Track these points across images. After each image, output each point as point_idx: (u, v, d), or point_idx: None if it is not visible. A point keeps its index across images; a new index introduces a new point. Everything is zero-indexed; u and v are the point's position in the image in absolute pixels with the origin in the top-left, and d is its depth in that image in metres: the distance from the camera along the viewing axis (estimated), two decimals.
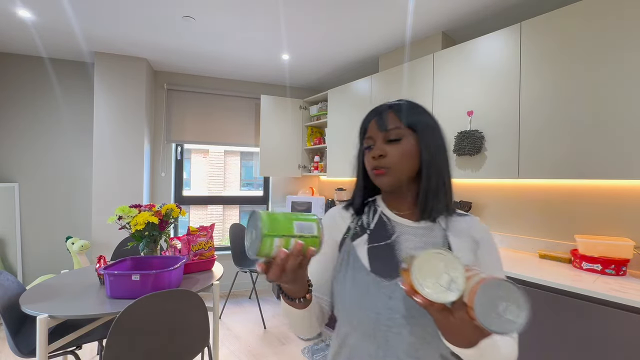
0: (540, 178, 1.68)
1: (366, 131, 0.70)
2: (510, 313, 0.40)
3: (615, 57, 1.43)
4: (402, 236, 0.67)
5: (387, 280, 0.62)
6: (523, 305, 0.41)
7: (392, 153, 0.65)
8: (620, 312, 1.21)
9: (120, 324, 1.17)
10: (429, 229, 0.67)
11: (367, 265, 0.65)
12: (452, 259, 0.45)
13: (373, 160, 0.67)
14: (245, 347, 2.44)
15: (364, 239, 0.69)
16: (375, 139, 0.68)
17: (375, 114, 0.70)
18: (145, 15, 2.20)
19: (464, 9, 2.05)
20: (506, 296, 0.41)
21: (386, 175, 0.66)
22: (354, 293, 0.63)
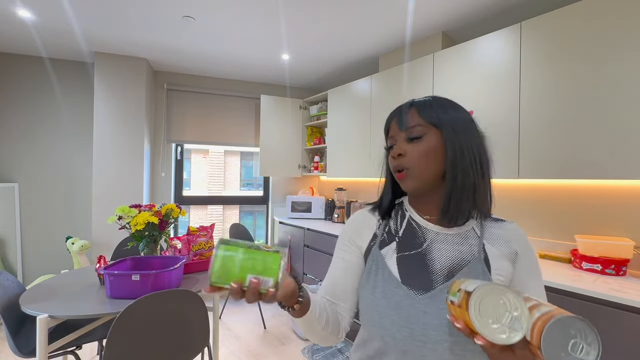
0: (540, 178, 1.68)
1: (389, 130, 0.68)
2: (580, 351, 0.38)
3: (615, 57, 1.43)
4: (434, 244, 0.62)
5: (420, 294, 0.58)
6: (594, 342, 0.38)
7: (411, 152, 0.62)
8: (620, 312, 1.21)
9: (120, 324, 1.17)
10: (463, 236, 0.63)
11: (398, 276, 0.61)
12: (512, 296, 0.42)
13: (393, 160, 0.65)
14: (245, 347, 2.44)
15: (392, 247, 0.64)
16: (397, 138, 0.65)
17: (397, 112, 0.67)
18: (145, 15, 2.20)
19: (464, 9, 2.05)
20: (575, 333, 0.38)
21: (407, 177, 0.62)
22: (385, 306, 0.59)
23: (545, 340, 0.37)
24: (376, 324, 0.59)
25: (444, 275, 0.59)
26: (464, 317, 0.44)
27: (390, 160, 0.66)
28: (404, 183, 0.64)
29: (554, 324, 0.37)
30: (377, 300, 0.60)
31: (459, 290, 0.47)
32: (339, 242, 0.72)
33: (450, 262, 0.60)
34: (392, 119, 0.68)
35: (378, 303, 0.60)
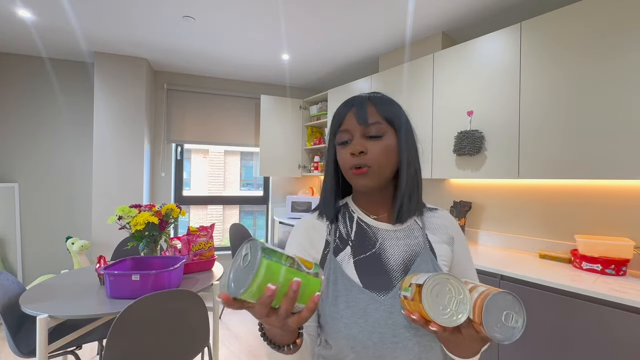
0: (540, 178, 1.68)
1: (341, 124, 0.63)
2: (511, 320, 0.44)
3: (615, 57, 1.43)
4: (386, 242, 0.63)
5: (382, 295, 0.58)
6: (520, 311, 0.45)
7: (373, 150, 0.59)
8: (620, 312, 1.21)
9: (120, 324, 1.17)
10: (409, 231, 0.65)
11: (358, 281, 0.59)
12: (455, 282, 0.47)
13: (352, 157, 0.60)
14: (245, 347, 2.44)
15: (347, 252, 0.62)
16: (353, 133, 0.61)
17: (353, 105, 0.62)
18: (145, 15, 2.20)
19: (464, 9, 2.05)
20: (505, 305, 0.44)
21: (368, 175, 0.59)
22: (351, 315, 0.56)
23: (485, 315, 0.43)
24: (344, 336, 0.56)
25: (400, 271, 0.60)
26: (418, 309, 0.47)
27: (347, 158, 0.61)
28: (362, 180, 0.60)
29: (490, 301, 0.43)
30: (341, 311, 0.56)
31: (410, 285, 0.50)
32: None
33: (403, 257, 0.62)
34: (348, 111, 0.62)
35: (343, 314, 0.56)
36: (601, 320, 1.25)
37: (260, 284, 0.36)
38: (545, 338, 1.40)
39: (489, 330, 0.43)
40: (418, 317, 0.47)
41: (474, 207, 2.25)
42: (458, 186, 2.38)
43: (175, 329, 1.32)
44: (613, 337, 1.22)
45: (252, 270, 0.36)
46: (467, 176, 2.00)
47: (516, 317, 0.44)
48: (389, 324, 0.56)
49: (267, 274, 0.37)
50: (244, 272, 0.38)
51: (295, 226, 0.69)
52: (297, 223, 0.70)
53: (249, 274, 0.37)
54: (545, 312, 1.40)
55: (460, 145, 1.97)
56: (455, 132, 2.03)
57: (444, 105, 2.12)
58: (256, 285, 0.36)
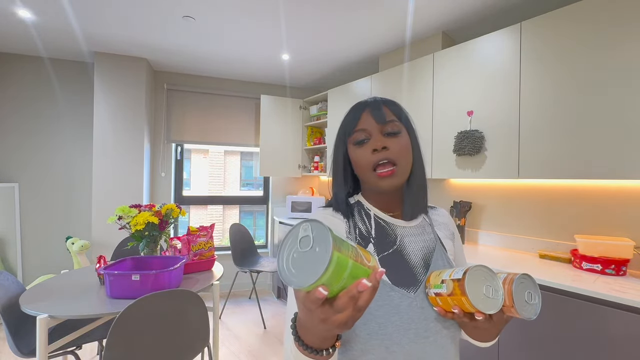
0: (540, 178, 1.68)
1: (356, 123, 0.63)
2: (532, 298, 0.49)
3: (615, 57, 1.43)
4: (404, 239, 0.63)
5: (411, 291, 0.58)
6: (536, 289, 0.50)
7: (394, 146, 0.60)
8: (620, 312, 1.21)
9: (120, 324, 1.17)
10: (422, 227, 0.67)
11: (387, 279, 0.58)
12: (486, 270, 0.50)
13: (374, 153, 0.60)
14: (245, 347, 2.44)
15: (370, 250, 0.61)
16: (371, 132, 0.62)
17: (367, 106, 0.64)
18: (145, 15, 2.20)
19: (464, 9, 2.05)
20: (526, 286, 0.49)
21: (397, 175, 0.60)
22: (384, 314, 0.55)
23: (515, 297, 0.47)
24: (378, 335, 0.54)
25: (421, 267, 0.62)
26: (459, 302, 0.50)
27: (367, 155, 0.61)
28: (391, 180, 0.60)
29: (516, 284, 0.48)
30: (373, 311, 0.55)
31: (443, 282, 0.53)
32: None
33: (422, 253, 0.63)
34: (363, 111, 0.64)
35: (375, 313, 0.55)
36: (601, 320, 1.25)
37: (328, 279, 0.32)
38: (545, 338, 1.40)
39: (520, 311, 0.47)
40: (459, 311, 0.50)
41: (474, 207, 2.25)
42: (458, 186, 2.38)
43: (175, 329, 1.32)
44: (613, 337, 1.22)
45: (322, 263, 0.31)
46: (467, 176, 2.00)
47: (534, 294, 0.49)
48: (421, 319, 0.56)
49: (336, 269, 0.32)
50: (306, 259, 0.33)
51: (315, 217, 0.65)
52: (315, 215, 0.67)
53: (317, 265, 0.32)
54: (545, 312, 1.40)
55: (460, 145, 1.97)
56: (455, 132, 2.03)
57: (444, 105, 2.12)
58: (323, 280, 0.32)
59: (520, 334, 1.46)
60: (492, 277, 0.50)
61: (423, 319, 0.56)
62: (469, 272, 0.49)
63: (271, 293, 3.62)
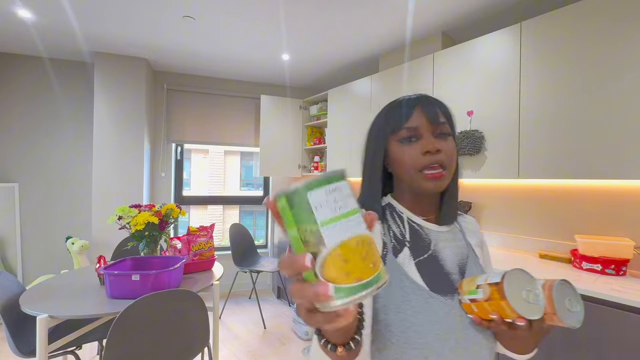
0: (540, 178, 1.68)
1: (406, 120, 0.58)
2: (573, 305, 0.46)
3: (615, 57, 1.43)
4: (439, 244, 0.60)
5: (450, 298, 0.55)
6: (576, 295, 0.47)
7: (446, 149, 0.56)
8: (620, 312, 1.21)
9: (120, 324, 1.17)
10: (453, 233, 0.63)
11: (424, 284, 0.55)
12: (525, 275, 0.47)
13: (426, 155, 0.56)
14: (245, 347, 2.44)
15: (406, 253, 0.58)
16: (422, 132, 0.57)
17: (420, 102, 0.59)
18: (145, 15, 2.20)
19: (464, 9, 2.05)
20: (566, 292, 0.46)
21: (444, 179, 0.56)
22: (423, 321, 0.51)
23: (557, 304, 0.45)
24: (417, 344, 0.50)
25: (456, 273, 0.59)
26: (498, 308, 0.46)
27: (417, 155, 0.56)
28: (438, 183, 0.56)
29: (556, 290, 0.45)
30: (410, 318, 0.51)
31: (479, 287, 0.50)
32: None
33: (457, 259, 0.60)
34: (414, 107, 0.58)
35: (413, 320, 0.51)
36: (601, 320, 1.25)
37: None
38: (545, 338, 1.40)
39: (563, 318, 0.44)
40: (498, 317, 0.47)
41: (474, 207, 2.25)
42: None
43: (175, 329, 1.32)
44: (613, 337, 1.22)
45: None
46: (467, 176, 2.00)
47: (574, 301, 0.46)
48: (461, 328, 0.53)
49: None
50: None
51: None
52: None
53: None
54: None
55: (460, 145, 1.97)
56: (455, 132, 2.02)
57: None
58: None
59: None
60: (532, 281, 0.47)
61: (463, 328, 0.53)
62: (508, 275, 0.46)
63: (271, 293, 3.62)
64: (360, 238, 0.28)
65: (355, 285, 0.27)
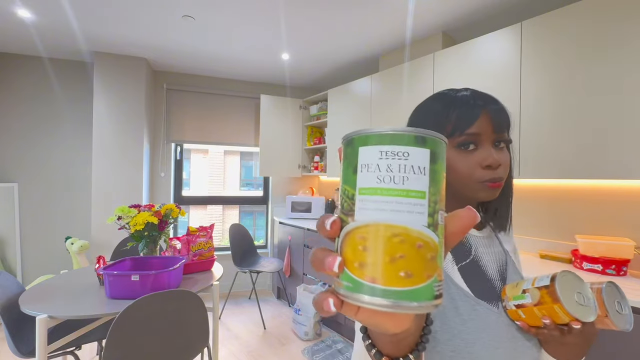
0: (541, 178, 1.68)
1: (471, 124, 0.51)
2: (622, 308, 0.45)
3: (615, 56, 1.43)
4: (479, 249, 0.57)
5: (495, 305, 0.52)
6: (624, 298, 0.46)
7: (505, 162, 0.53)
8: None
9: (119, 324, 1.16)
10: (490, 239, 0.60)
11: (469, 290, 0.52)
12: (572, 276, 0.45)
13: (486, 170, 0.51)
14: (245, 348, 2.44)
15: (449, 258, 0.55)
16: (484, 140, 0.52)
17: (487, 104, 0.52)
18: (145, 15, 2.20)
19: (464, 9, 2.05)
20: (615, 295, 0.46)
21: (499, 189, 0.53)
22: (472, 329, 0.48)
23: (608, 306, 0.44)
24: (464, 353, 0.47)
25: (498, 279, 0.56)
26: (550, 312, 0.44)
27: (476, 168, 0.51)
28: (495, 192, 0.53)
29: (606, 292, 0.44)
30: (458, 325, 0.48)
31: (525, 291, 0.48)
32: None
33: (497, 265, 0.57)
34: (481, 110, 0.51)
35: (462, 328, 0.48)
36: None
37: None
38: None
39: (616, 321, 0.43)
40: (550, 322, 0.45)
41: None
42: None
43: (175, 329, 1.32)
44: (613, 337, 1.22)
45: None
46: None
47: (622, 304, 0.45)
48: (509, 338, 0.50)
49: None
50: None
51: None
52: None
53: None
54: None
55: None
56: None
57: None
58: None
59: None
60: (581, 283, 0.45)
61: (511, 338, 0.50)
62: (559, 277, 0.44)
63: (271, 293, 3.62)
64: (403, 231, 0.21)
65: (365, 283, 0.21)
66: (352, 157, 0.23)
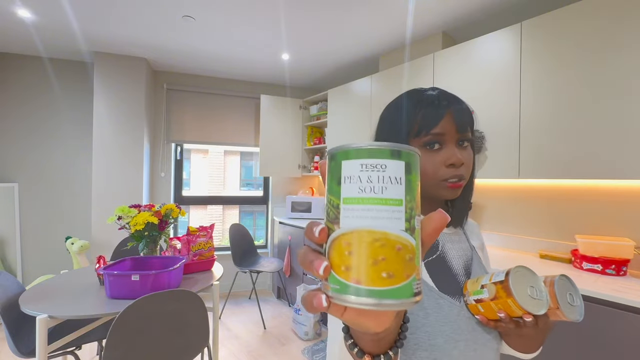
0: (541, 178, 1.68)
1: (435, 124, 0.53)
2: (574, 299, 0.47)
3: (615, 56, 1.43)
4: (445, 245, 0.60)
5: (458, 300, 0.54)
6: (576, 289, 0.47)
7: (467, 161, 0.55)
8: (620, 312, 1.21)
9: (119, 324, 1.17)
10: (458, 235, 0.63)
11: (434, 285, 0.54)
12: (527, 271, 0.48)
13: (449, 168, 0.54)
14: (245, 347, 2.44)
15: None
16: (447, 140, 0.54)
17: (451, 105, 0.55)
18: (145, 15, 2.20)
19: (464, 9, 2.05)
20: (566, 287, 0.47)
21: (461, 188, 0.56)
22: (434, 322, 0.51)
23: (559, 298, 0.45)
24: (426, 346, 0.49)
25: (463, 275, 0.58)
26: (505, 306, 0.47)
27: (440, 166, 0.54)
28: (456, 192, 0.55)
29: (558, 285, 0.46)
30: (420, 319, 0.51)
31: (483, 287, 0.50)
32: None
33: (462, 260, 0.60)
34: (446, 110, 0.54)
35: (425, 321, 0.51)
36: (601, 320, 1.25)
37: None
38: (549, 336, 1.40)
39: (566, 312, 0.45)
40: (505, 315, 0.47)
41: (474, 207, 2.25)
42: None
43: (175, 329, 1.32)
44: (613, 337, 1.22)
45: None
46: None
47: (575, 296, 0.47)
48: (470, 330, 0.53)
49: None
50: None
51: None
52: None
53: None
54: None
55: None
56: None
57: None
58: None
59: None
60: (534, 277, 0.47)
61: (471, 330, 0.53)
62: (512, 272, 0.47)
63: (271, 293, 3.62)
64: (384, 236, 0.23)
65: (350, 285, 0.22)
66: (336, 170, 0.25)
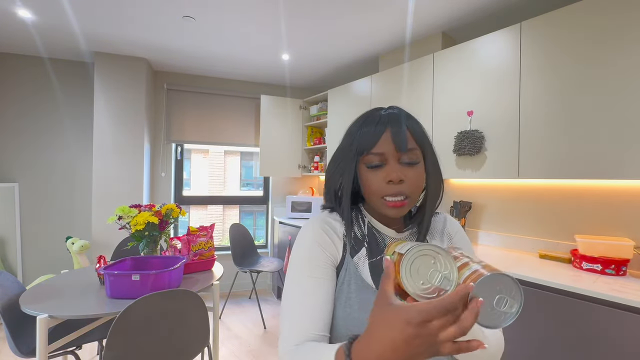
0: (541, 178, 1.68)
1: (374, 144, 0.57)
2: (504, 305, 0.39)
3: (615, 57, 1.43)
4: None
5: None
6: (517, 295, 0.39)
7: (410, 177, 0.57)
8: (620, 312, 1.21)
9: (120, 324, 1.17)
10: (411, 237, 0.66)
11: (372, 283, 0.58)
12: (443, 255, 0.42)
13: (389, 185, 0.57)
14: (245, 347, 2.44)
15: (363, 253, 0.61)
16: (388, 158, 0.57)
17: (388, 125, 0.58)
18: (145, 15, 2.20)
19: (464, 9, 2.05)
20: (500, 289, 0.39)
21: (406, 207, 0.58)
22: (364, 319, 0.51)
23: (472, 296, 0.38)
24: None
25: None
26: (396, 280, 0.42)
27: (381, 183, 0.57)
28: (400, 211, 0.57)
29: (482, 282, 0.38)
30: (353, 314, 0.55)
31: (394, 253, 0.46)
32: (311, 259, 0.60)
33: None
34: (383, 132, 0.57)
35: (356, 316, 0.54)
36: (601, 320, 1.25)
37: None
38: (545, 338, 1.40)
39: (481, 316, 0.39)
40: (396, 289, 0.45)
41: (474, 207, 2.25)
42: (458, 186, 2.38)
43: (175, 329, 1.32)
44: (613, 337, 1.22)
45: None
46: (467, 176, 2.00)
47: (511, 302, 0.39)
48: None
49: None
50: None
51: (311, 225, 0.64)
52: (312, 222, 0.65)
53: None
54: (545, 313, 1.40)
55: (460, 145, 1.97)
56: (455, 132, 2.03)
57: (444, 105, 2.12)
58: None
59: (520, 333, 1.46)
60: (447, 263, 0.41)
61: None
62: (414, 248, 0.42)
63: (271, 293, 3.62)
64: None
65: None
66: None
